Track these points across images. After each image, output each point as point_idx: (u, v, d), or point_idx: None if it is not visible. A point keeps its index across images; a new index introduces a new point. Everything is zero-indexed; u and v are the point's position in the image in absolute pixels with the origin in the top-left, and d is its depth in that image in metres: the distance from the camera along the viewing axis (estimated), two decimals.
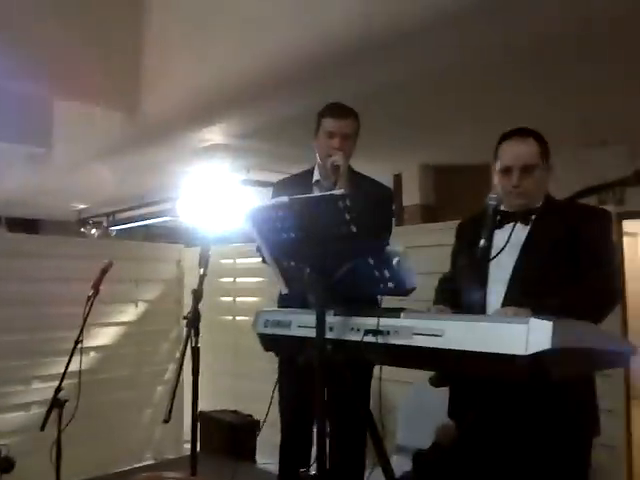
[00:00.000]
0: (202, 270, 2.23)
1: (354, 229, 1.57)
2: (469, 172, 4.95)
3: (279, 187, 2.63)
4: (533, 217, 1.93)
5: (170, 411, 1.87)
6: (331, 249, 1.69)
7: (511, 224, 1.91)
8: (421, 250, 3.57)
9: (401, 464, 3.30)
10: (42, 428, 2.96)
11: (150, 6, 4.06)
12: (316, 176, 2.54)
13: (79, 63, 3.89)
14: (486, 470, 1.88)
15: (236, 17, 3.41)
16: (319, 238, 1.68)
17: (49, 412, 3.00)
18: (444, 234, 2.80)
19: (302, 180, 2.58)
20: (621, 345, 1.56)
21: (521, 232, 1.91)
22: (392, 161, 5.33)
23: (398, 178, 5.50)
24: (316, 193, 2.42)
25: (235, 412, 4.88)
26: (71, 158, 5.13)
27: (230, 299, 5.32)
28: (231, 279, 5.34)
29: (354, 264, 1.68)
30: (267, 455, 4.14)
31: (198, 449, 2.28)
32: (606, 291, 1.76)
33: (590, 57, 3.11)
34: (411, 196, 5.34)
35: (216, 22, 3.53)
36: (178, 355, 5.46)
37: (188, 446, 4.75)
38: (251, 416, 4.72)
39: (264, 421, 2.04)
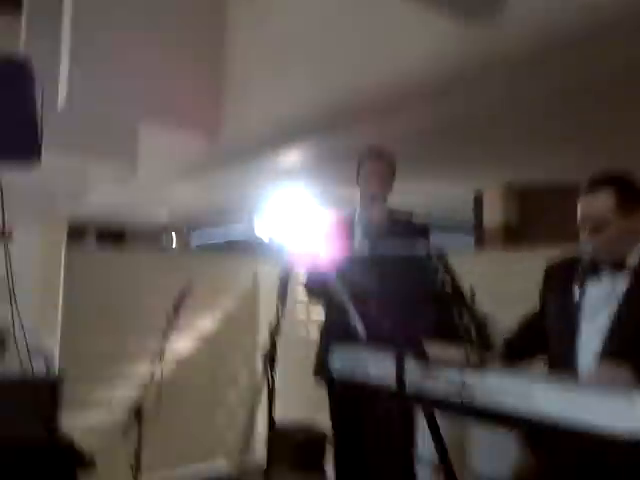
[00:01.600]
0: (280, 303, 2.19)
1: (450, 289, 1.52)
2: (555, 194, 4.74)
3: (335, 227, 2.79)
4: (629, 270, 1.78)
5: (246, 447, 1.87)
6: (414, 302, 1.65)
7: (609, 275, 1.77)
8: (500, 277, 3.44)
9: None
10: (124, 433, 3.06)
11: (234, 33, 4.16)
12: (357, 216, 2.67)
13: (164, 89, 4.01)
14: None
15: (316, 45, 3.44)
16: (402, 291, 1.65)
17: (132, 418, 3.12)
18: (530, 260, 2.68)
19: (348, 220, 2.74)
20: None
21: (618, 283, 1.78)
22: (473, 179, 5.18)
23: (478, 197, 5.34)
24: (357, 232, 2.58)
25: (309, 427, 4.86)
26: (155, 177, 5.31)
27: (304, 318, 5.34)
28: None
29: (438, 319, 1.62)
30: None
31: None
32: None
33: None
34: (492, 217, 5.15)
35: (297, 50, 3.58)
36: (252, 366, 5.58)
37: (259, 447, 4.87)
38: (323, 433, 4.69)
39: None
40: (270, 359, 2.10)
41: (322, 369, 2.67)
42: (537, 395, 1.37)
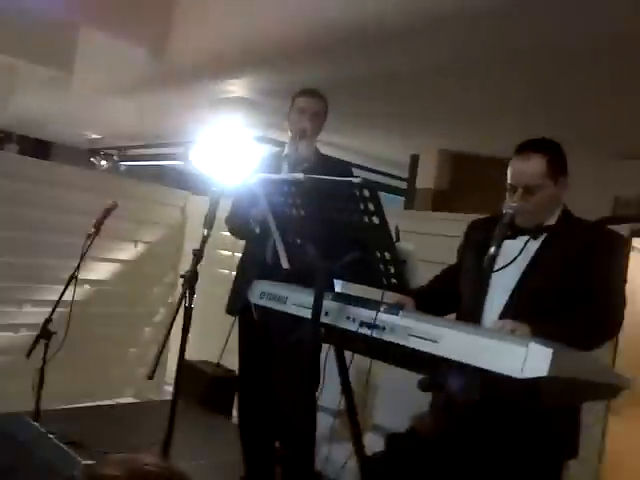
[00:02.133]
0: (206, 231, 2.19)
1: (376, 221, 1.53)
2: (487, 163, 4.88)
3: (262, 160, 2.90)
4: (544, 234, 1.88)
5: (154, 370, 1.87)
6: (339, 234, 1.66)
7: (524, 237, 1.86)
8: (428, 238, 3.54)
9: (374, 443, 3.35)
10: (28, 355, 3.00)
11: None
12: (285, 150, 2.73)
13: None
14: (454, 470, 1.89)
15: None
16: (328, 221, 1.65)
17: (37, 341, 3.04)
18: (454, 225, 2.77)
19: (275, 156, 2.84)
20: (614, 378, 1.54)
21: (531, 246, 1.87)
22: (410, 141, 5.25)
23: (415, 159, 5.42)
24: (284, 167, 2.65)
25: (218, 365, 4.91)
26: (91, 87, 5.04)
27: (229, 253, 5.31)
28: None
29: (361, 254, 1.64)
30: None
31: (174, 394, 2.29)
32: (609, 323, 1.75)
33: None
34: (425, 180, 5.26)
35: None
36: (170, 300, 5.52)
37: (168, 389, 4.87)
38: (233, 372, 4.76)
39: None
40: (190, 282, 2.10)
41: (235, 306, 2.70)
42: (444, 338, 1.44)
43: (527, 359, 1.26)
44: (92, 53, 4.59)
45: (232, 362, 4.73)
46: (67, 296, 3.17)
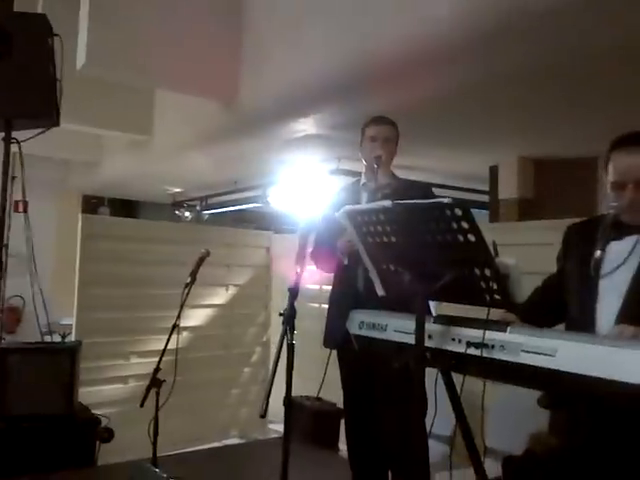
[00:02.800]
0: (299, 268, 2.22)
1: (472, 238, 1.51)
2: (572, 166, 4.70)
3: (335, 195, 2.87)
4: None
5: (266, 408, 1.90)
6: (434, 256, 1.64)
7: (633, 237, 1.76)
8: (518, 248, 3.43)
9: (489, 469, 3.21)
10: (142, 405, 3.12)
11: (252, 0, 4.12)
12: (362, 180, 2.75)
13: (181, 55, 3.99)
14: None
15: (336, 12, 3.40)
16: (422, 244, 1.64)
17: (148, 390, 3.16)
18: (545, 233, 2.66)
19: (353, 187, 2.84)
20: None
21: (639, 245, 1.77)
22: (488, 153, 5.15)
23: (494, 170, 5.30)
24: (363, 196, 2.67)
25: (319, 399, 4.93)
26: (169, 145, 5.32)
27: (317, 287, 5.35)
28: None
29: (459, 273, 1.61)
30: None
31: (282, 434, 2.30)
32: None
33: None
34: (508, 190, 5.13)
35: (316, 17, 3.54)
36: (264, 339, 5.60)
37: (271, 427, 4.92)
38: (335, 404, 4.75)
39: None
40: (289, 318, 2.12)
41: (332, 339, 2.70)
42: (560, 350, 1.38)
43: None
44: (168, 113, 4.86)
45: (331, 395, 4.76)
46: (170, 345, 3.29)
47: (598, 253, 1.72)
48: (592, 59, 3.08)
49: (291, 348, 2.12)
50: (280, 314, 2.13)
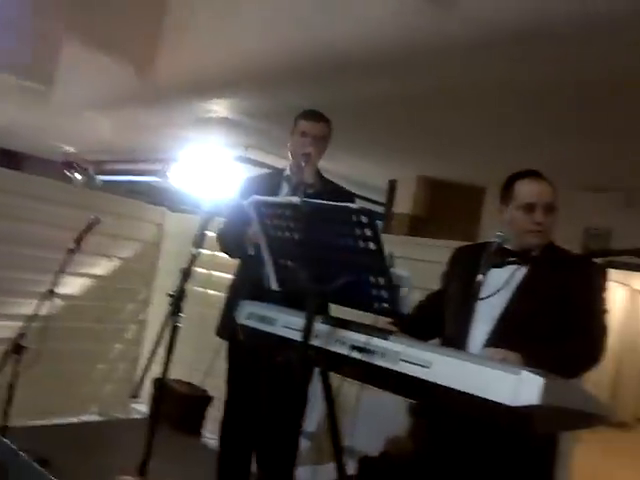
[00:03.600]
0: (195, 249, 2.19)
1: (372, 247, 1.56)
2: (464, 191, 4.99)
3: (250, 182, 2.77)
4: (532, 262, 1.93)
5: (139, 389, 1.85)
6: (332, 258, 1.69)
7: (512, 266, 1.91)
8: (406, 262, 3.58)
9: (348, 466, 3.34)
10: None
11: None
12: (287, 172, 2.68)
13: (98, 8, 3.79)
14: None
15: (268, 2, 3.39)
16: (323, 245, 1.68)
17: (7, 355, 2.98)
18: (434, 251, 2.80)
19: (273, 177, 2.76)
20: (600, 408, 1.59)
21: (518, 274, 1.92)
22: (389, 167, 5.34)
23: (393, 184, 5.51)
24: (284, 187, 2.61)
25: (190, 384, 4.86)
26: (71, 100, 5.01)
27: (206, 271, 5.27)
28: (210, 252, 5.29)
29: (354, 278, 1.67)
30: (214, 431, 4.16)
31: (147, 415, 2.25)
32: (595, 352, 1.80)
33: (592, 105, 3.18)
34: (403, 205, 5.35)
35: (252, 2, 3.50)
36: (141, 317, 5.43)
37: (134, 406, 4.77)
38: (205, 391, 4.71)
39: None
40: (177, 301, 2.09)
41: (225, 329, 2.67)
42: (436, 363, 1.47)
43: (519, 387, 1.29)
44: (76, 67, 4.57)
45: (212, 383, 4.71)
46: (40, 311, 3.12)
47: (479, 277, 1.84)
48: (483, 94, 3.30)
49: (175, 330, 2.09)
50: (169, 295, 2.09)
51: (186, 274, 2.12)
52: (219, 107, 4.40)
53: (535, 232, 1.92)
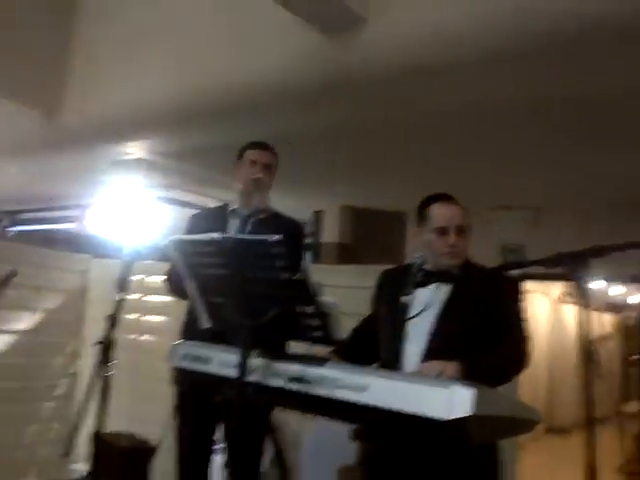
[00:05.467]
0: (120, 295, 2.14)
1: (296, 277, 1.58)
2: (387, 217, 5.13)
3: (195, 220, 2.70)
4: (454, 280, 2.01)
5: (70, 446, 1.77)
6: (260, 291, 1.69)
7: (434, 284, 1.99)
8: (337, 290, 3.63)
9: None
10: None
11: (85, 12, 3.97)
12: (233, 205, 2.60)
13: (3, 57, 3.69)
14: None
15: (173, 40, 3.42)
16: (249, 279, 1.69)
17: None
18: (362, 276, 2.86)
19: (218, 213, 2.67)
20: (529, 413, 1.66)
21: (442, 292, 2.00)
22: (314, 198, 5.43)
23: (319, 215, 5.59)
24: (232, 223, 2.53)
25: (130, 436, 4.65)
26: None
27: (135, 316, 5.11)
28: (137, 296, 5.14)
29: (284, 310, 1.68)
30: None
31: (87, 473, 2.15)
32: (523, 357, 1.89)
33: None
34: (330, 234, 5.43)
35: (153, 42, 3.52)
36: (71, 370, 5.18)
37: (75, 467, 4.51)
38: (147, 442, 4.52)
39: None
40: (106, 350, 2.03)
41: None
42: (371, 386, 1.49)
43: (452, 400, 1.34)
44: None
45: (147, 431, 4.51)
46: None
47: (405, 298, 1.90)
48: (394, 125, 3.45)
49: (107, 381, 2.02)
50: (98, 343, 2.03)
51: (113, 321, 2.06)
52: (134, 149, 4.35)
53: (449, 254, 2.00)
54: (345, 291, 3.52)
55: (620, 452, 6.62)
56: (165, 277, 2.60)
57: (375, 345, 2.11)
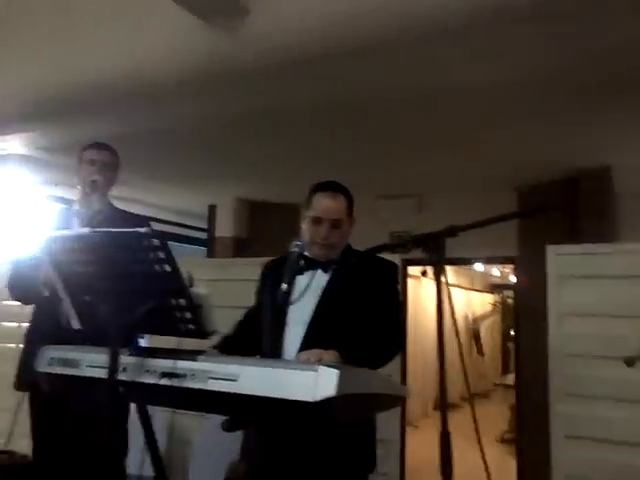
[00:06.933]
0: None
1: (168, 269, 1.54)
2: (282, 210, 5.14)
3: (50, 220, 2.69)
4: (333, 266, 2.05)
5: None
6: (130, 286, 1.64)
7: (312, 271, 2.01)
8: (229, 284, 3.59)
9: None
10: None
11: None
12: (76, 206, 2.62)
13: None
14: None
15: (57, 29, 3.24)
16: (119, 274, 1.62)
17: None
18: (255, 269, 2.85)
19: (64, 213, 2.70)
20: (397, 389, 1.72)
21: (321, 279, 2.02)
22: (208, 192, 5.34)
23: (213, 209, 5.51)
24: (75, 223, 2.52)
25: (8, 452, 4.35)
26: None
27: (16, 324, 4.79)
28: None
29: (155, 304, 1.63)
30: None
31: None
32: (398, 339, 1.97)
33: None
34: (224, 228, 5.37)
35: (35, 31, 3.32)
36: None
37: None
38: (26, 456, 4.24)
39: None
40: None
41: (23, 380, 2.45)
42: (242, 375, 1.48)
43: (317, 382, 1.35)
44: None
45: (24, 445, 4.23)
46: None
47: (284, 286, 1.91)
48: (281, 116, 3.47)
49: None
50: None
51: None
52: (13, 143, 4.10)
53: (319, 245, 2.04)
54: (239, 284, 3.51)
55: (502, 422, 7.09)
56: (8, 283, 2.52)
57: (258, 336, 2.11)
